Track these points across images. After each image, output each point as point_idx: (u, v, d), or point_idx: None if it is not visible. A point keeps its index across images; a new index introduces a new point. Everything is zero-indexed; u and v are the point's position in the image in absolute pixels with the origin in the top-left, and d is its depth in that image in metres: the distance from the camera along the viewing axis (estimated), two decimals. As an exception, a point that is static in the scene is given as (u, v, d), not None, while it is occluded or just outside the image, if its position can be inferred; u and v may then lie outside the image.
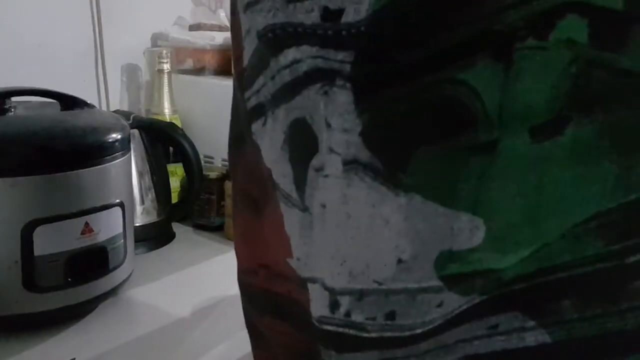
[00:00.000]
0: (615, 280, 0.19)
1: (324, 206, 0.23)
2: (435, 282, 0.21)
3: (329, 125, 0.22)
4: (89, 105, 0.83)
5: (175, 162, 1.03)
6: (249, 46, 0.28)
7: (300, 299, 0.26)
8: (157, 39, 1.19)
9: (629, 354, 0.19)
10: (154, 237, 0.98)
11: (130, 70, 1.16)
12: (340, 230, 0.23)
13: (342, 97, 0.21)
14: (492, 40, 0.19)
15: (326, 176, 0.23)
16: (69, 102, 0.81)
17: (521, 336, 0.20)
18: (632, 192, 0.19)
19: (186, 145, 0.97)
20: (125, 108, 1.14)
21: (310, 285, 0.25)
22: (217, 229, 1.06)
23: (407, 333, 0.22)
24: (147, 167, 0.95)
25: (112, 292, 0.78)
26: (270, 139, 0.27)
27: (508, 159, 0.19)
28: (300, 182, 0.24)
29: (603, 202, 0.19)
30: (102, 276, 0.76)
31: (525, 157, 0.19)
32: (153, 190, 0.96)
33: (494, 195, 0.19)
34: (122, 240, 0.78)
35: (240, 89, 0.32)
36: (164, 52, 1.08)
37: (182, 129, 1.03)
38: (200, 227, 1.07)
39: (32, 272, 0.69)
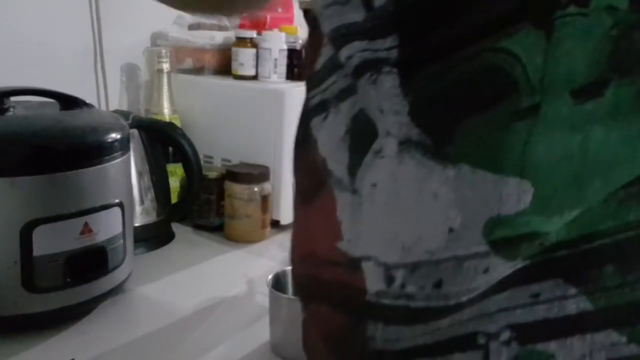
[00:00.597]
0: None
1: (374, 186, 0.25)
2: (483, 248, 0.22)
3: (381, 111, 0.24)
4: (88, 105, 0.83)
5: (174, 162, 1.03)
6: (325, 53, 0.30)
7: (347, 280, 0.27)
8: (156, 39, 1.18)
9: None
10: (154, 237, 0.98)
11: (130, 70, 1.16)
12: (390, 207, 0.25)
13: (389, 82, 0.24)
14: (533, 9, 0.20)
15: (382, 157, 0.25)
16: (68, 102, 0.81)
17: (562, 304, 0.21)
18: None
19: (186, 145, 0.97)
20: (124, 108, 1.14)
21: (363, 264, 0.26)
22: (216, 229, 1.06)
23: (452, 301, 0.23)
24: (147, 167, 0.95)
25: (112, 292, 0.78)
26: (329, 131, 0.29)
27: (551, 121, 0.20)
28: (353, 167, 0.26)
29: None
30: (101, 276, 0.76)
31: (568, 118, 0.20)
32: (152, 190, 0.96)
33: (540, 158, 0.20)
34: (122, 241, 0.78)
35: (307, 91, 0.34)
36: (164, 51, 1.08)
37: (181, 129, 1.03)
38: (200, 227, 1.07)
39: (31, 272, 0.69)
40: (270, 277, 0.72)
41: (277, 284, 0.72)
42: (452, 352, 0.24)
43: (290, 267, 0.76)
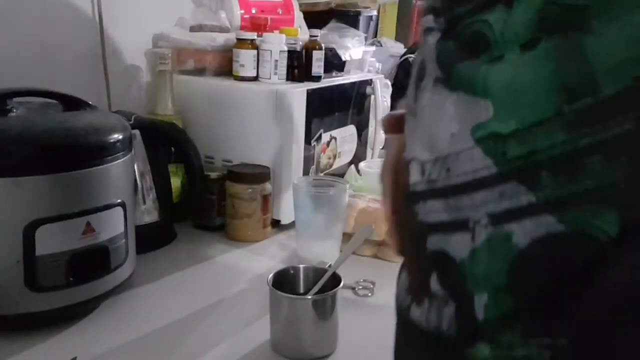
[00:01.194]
0: (572, 159, 0.30)
1: (421, 110, 0.38)
2: (470, 144, 0.33)
3: (428, 59, 0.38)
4: (91, 106, 0.83)
5: (176, 162, 1.04)
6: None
7: (406, 180, 0.40)
8: (158, 40, 1.19)
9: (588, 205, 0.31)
10: (155, 236, 0.99)
11: (132, 71, 1.17)
12: (427, 122, 0.37)
13: (432, 40, 0.37)
14: None
15: (425, 89, 0.38)
16: (70, 103, 0.81)
17: (517, 198, 0.32)
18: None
19: (187, 146, 0.98)
20: (126, 108, 1.14)
21: (410, 164, 0.39)
22: (218, 228, 1.06)
23: (458, 180, 0.35)
24: (148, 167, 0.95)
25: (113, 291, 0.79)
26: (412, 77, 0.42)
27: (507, 64, 0.32)
28: (415, 98, 0.39)
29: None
30: (103, 276, 0.76)
31: (516, 62, 0.31)
32: (154, 190, 0.96)
33: (494, 87, 0.32)
34: (124, 240, 0.79)
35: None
36: (165, 52, 1.08)
37: (183, 130, 1.03)
38: (201, 226, 1.08)
39: (33, 271, 0.70)
40: (270, 276, 0.72)
41: (278, 283, 0.72)
42: (455, 231, 0.35)
43: (289, 266, 0.77)
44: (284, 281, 0.74)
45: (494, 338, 0.35)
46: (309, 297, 0.72)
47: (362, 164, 1.21)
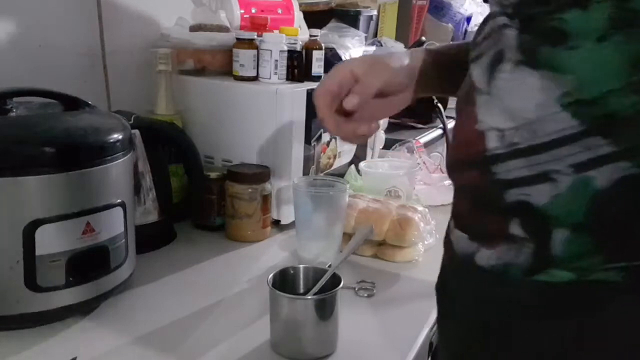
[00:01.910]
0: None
1: (498, 88, 0.46)
2: (557, 109, 0.42)
3: (509, 47, 0.46)
4: (90, 106, 0.83)
5: (176, 162, 1.04)
6: (489, 25, 0.53)
7: (479, 148, 0.48)
8: (158, 40, 1.19)
9: None
10: (155, 237, 0.99)
11: (132, 71, 1.17)
12: (507, 97, 0.46)
13: (512, 33, 0.46)
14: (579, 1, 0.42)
15: (504, 72, 0.46)
16: (70, 103, 0.81)
17: (596, 150, 0.41)
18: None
19: (187, 146, 0.98)
20: (126, 108, 1.14)
21: (487, 133, 0.47)
22: (217, 228, 1.06)
23: (544, 140, 0.43)
24: (148, 167, 0.95)
25: (113, 291, 0.79)
26: (479, 65, 0.50)
27: (586, 49, 0.42)
28: (489, 80, 0.48)
29: None
30: (103, 276, 0.76)
31: (595, 47, 0.41)
32: (154, 190, 0.96)
33: (579, 64, 0.42)
34: (123, 240, 0.78)
35: (472, 52, 0.54)
36: (165, 52, 1.08)
37: (182, 129, 1.03)
38: (201, 226, 1.08)
39: (33, 271, 0.69)
40: (270, 276, 0.72)
41: (277, 283, 0.72)
42: (536, 183, 0.43)
43: (290, 266, 0.77)
44: (284, 281, 0.74)
45: (571, 266, 0.43)
46: (309, 297, 0.72)
47: (362, 164, 1.21)
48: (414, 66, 0.67)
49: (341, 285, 0.71)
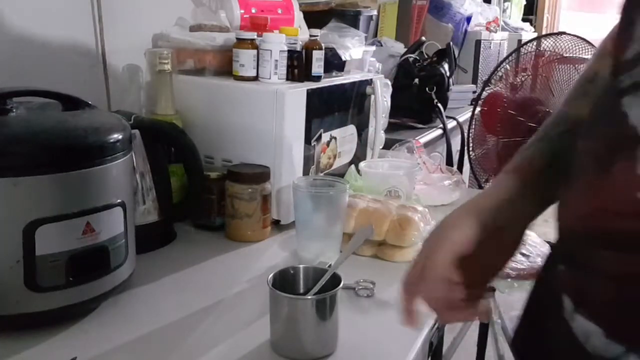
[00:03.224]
0: None
1: None
2: None
3: None
4: (90, 106, 0.83)
5: (175, 162, 1.04)
6: (634, 47, 0.44)
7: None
8: (157, 40, 1.19)
9: None
10: (155, 237, 0.99)
11: (132, 71, 1.17)
12: None
13: None
14: None
15: None
16: (70, 103, 0.81)
17: None
18: None
19: (187, 146, 0.98)
20: (126, 108, 1.14)
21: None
22: (217, 228, 1.06)
23: None
24: (148, 167, 0.95)
25: (113, 291, 0.79)
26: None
27: None
28: None
29: None
30: (103, 276, 0.76)
31: None
32: (154, 190, 0.96)
33: None
34: (123, 240, 0.78)
35: (616, 75, 0.46)
36: (165, 52, 1.08)
37: (182, 129, 1.03)
38: (201, 226, 1.08)
39: (33, 271, 0.69)
40: (270, 276, 0.72)
41: (277, 283, 0.72)
42: None
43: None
44: (284, 281, 0.74)
45: None
46: (309, 297, 0.72)
47: (362, 164, 1.21)
48: (502, 229, 0.53)
49: (341, 285, 0.71)
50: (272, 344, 0.73)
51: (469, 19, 2.55)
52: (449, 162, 1.85)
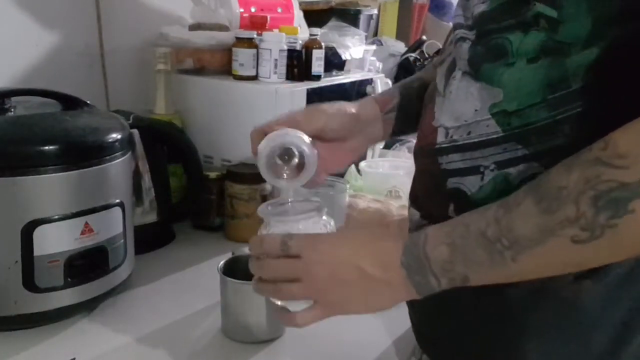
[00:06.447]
0: (551, 127, 0.48)
1: (450, 92, 0.55)
2: (487, 116, 0.51)
3: (459, 58, 0.54)
4: (89, 105, 0.83)
5: (175, 162, 1.03)
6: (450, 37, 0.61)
7: (432, 141, 0.56)
8: (157, 39, 1.18)
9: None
10: (154, 237, 0.98)
11: (130, 70, 1.17)
12: (455, 101, 0.54)
13: (466, 45, 0.53)
14: None
15: (455, 79, 0.55)
16: (69, 102, 0.81)
17: (515, 152, 0.50)
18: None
19: (186, 145, 0.98)
20: (125, 108, 1.14)
21: (438, 129, 0.55)
22: (217, 229, 1.06)
23: (476, 140, 0.51)
24: (147, 167, 0.95)
25: (112, 292, 0.78)
26: (440, 71, 0.59)
27: (518, 68, 0.50)
28: (445, 84, 0.56)
29: None
30: (102, 276, 0.76)
31: (524, 67, 0.49)
32: (153, 190, 0.96)
33: (508, 80, 0.50)
34: (122, 240, 0.78)
35: (440, 56, 0.65)
36: (164, 52, 1.08)
37: (181, 129, 1.03)
38: (200, 227, 1.07)
39: (32, 272, 0.69)
40: (221, 263, 0.74)
41: (228, 269, 0.74)
42: (469, 175, 0.52)
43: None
44: (236, 268, 0.74)
45: None
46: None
47: (362, 164, 1.21)
48: (358, 114, 0.69)
49: None
50: (222, 328, 0.74)
51: (469, 18, 2.54)
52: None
